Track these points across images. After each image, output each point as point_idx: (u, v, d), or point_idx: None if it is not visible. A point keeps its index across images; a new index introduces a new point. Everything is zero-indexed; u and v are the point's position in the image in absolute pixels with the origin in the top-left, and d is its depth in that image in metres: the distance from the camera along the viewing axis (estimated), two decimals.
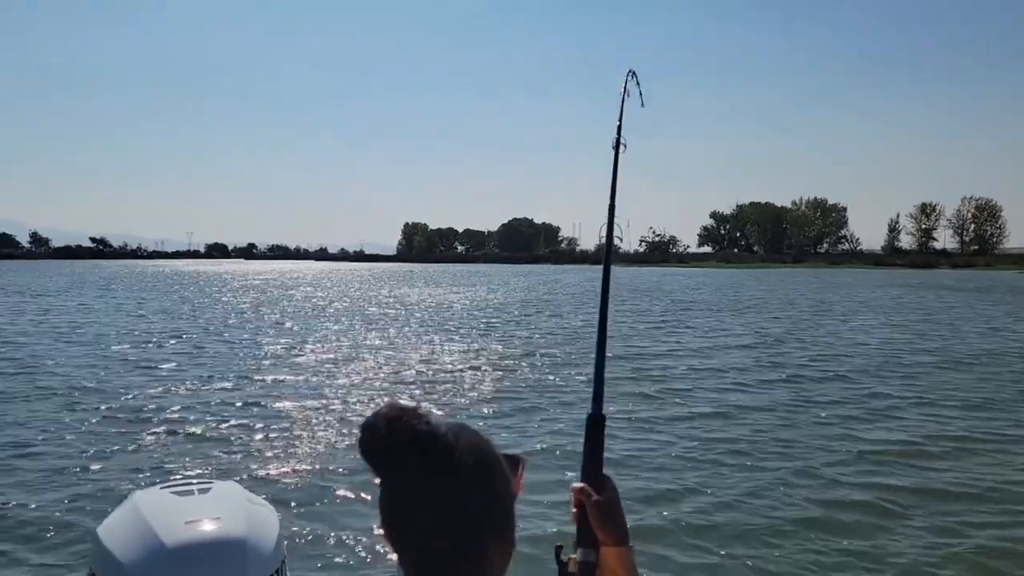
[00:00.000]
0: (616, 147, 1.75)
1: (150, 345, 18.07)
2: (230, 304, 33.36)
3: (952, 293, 44.64)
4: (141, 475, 7.59)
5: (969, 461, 8.42)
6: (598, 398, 1.45)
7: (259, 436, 9.21)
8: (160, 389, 12.18)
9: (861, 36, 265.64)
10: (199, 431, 9.43)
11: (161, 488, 1.24)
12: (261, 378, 13.31)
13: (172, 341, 18.93)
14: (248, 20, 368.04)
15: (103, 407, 10.75)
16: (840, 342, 19.60)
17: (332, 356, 16.44)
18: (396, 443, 1.07)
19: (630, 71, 1.91)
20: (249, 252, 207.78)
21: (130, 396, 11.54)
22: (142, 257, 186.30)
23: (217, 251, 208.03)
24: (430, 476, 1.07)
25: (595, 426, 1.41)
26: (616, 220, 1.66)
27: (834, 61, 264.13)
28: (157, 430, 9.44)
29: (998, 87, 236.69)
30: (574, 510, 1.33)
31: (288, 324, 24.20)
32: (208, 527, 1.15)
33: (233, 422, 9.87)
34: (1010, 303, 36.00)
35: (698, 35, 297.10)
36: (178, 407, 10.76)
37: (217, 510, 1.19)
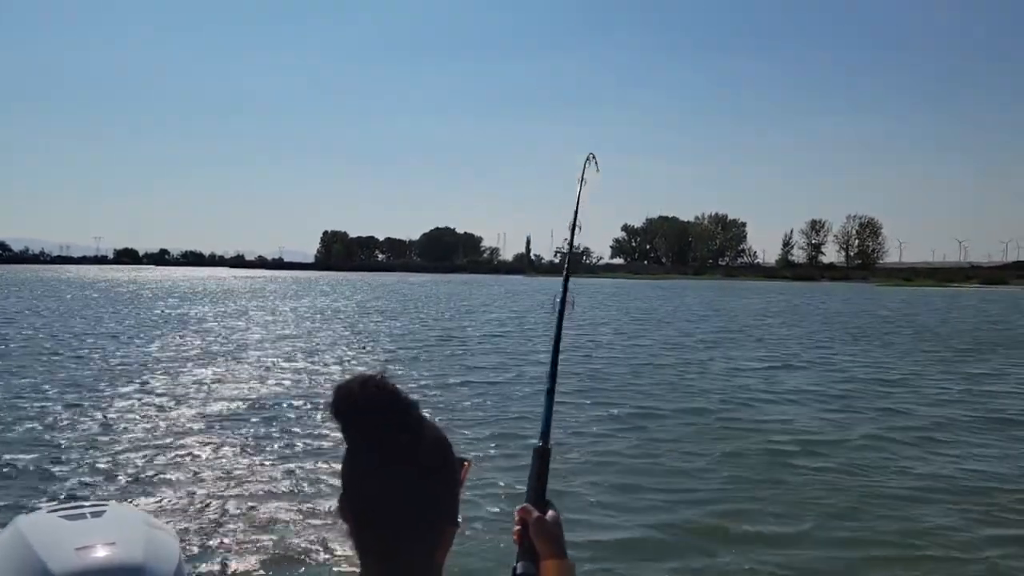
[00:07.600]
0: (572, 228, 1.88)
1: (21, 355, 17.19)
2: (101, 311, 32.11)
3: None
4: (23, 498, 6.85)
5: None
6: (546, 431, 1.55)
7: (158, 454, 8.48)
8: (35, 400, 11.43)
9: (760, 63, 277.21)
10: (91, 449, 8.65)
11: (48, 511, 1.14)
12: (156, 392, 12.52)
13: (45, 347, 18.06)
14: (157, 30, 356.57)
15: None
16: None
17: (233, 371, 15.94)
18: (369, 404, 1.11)
19: (590, 154, 1.95)
20: (161, 258, 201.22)
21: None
22: (45, 262, 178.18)
23: (127, 257, 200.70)
24: (398, 439, 1.11)
25: (540, 458, 1.51)
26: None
27: (741, 86, 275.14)
28: (42, 448, 8.65)
29: (893, 112, 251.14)
30: (517, 527, 1.40)
31: (172, 335, 23.44)
32: (101, 553, 1.06)
33: (128, 440, 9.13)
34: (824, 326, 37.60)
35: (611, 59, 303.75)
36: (63, 422, 9.96)
37: (111, 534, 1.09)
